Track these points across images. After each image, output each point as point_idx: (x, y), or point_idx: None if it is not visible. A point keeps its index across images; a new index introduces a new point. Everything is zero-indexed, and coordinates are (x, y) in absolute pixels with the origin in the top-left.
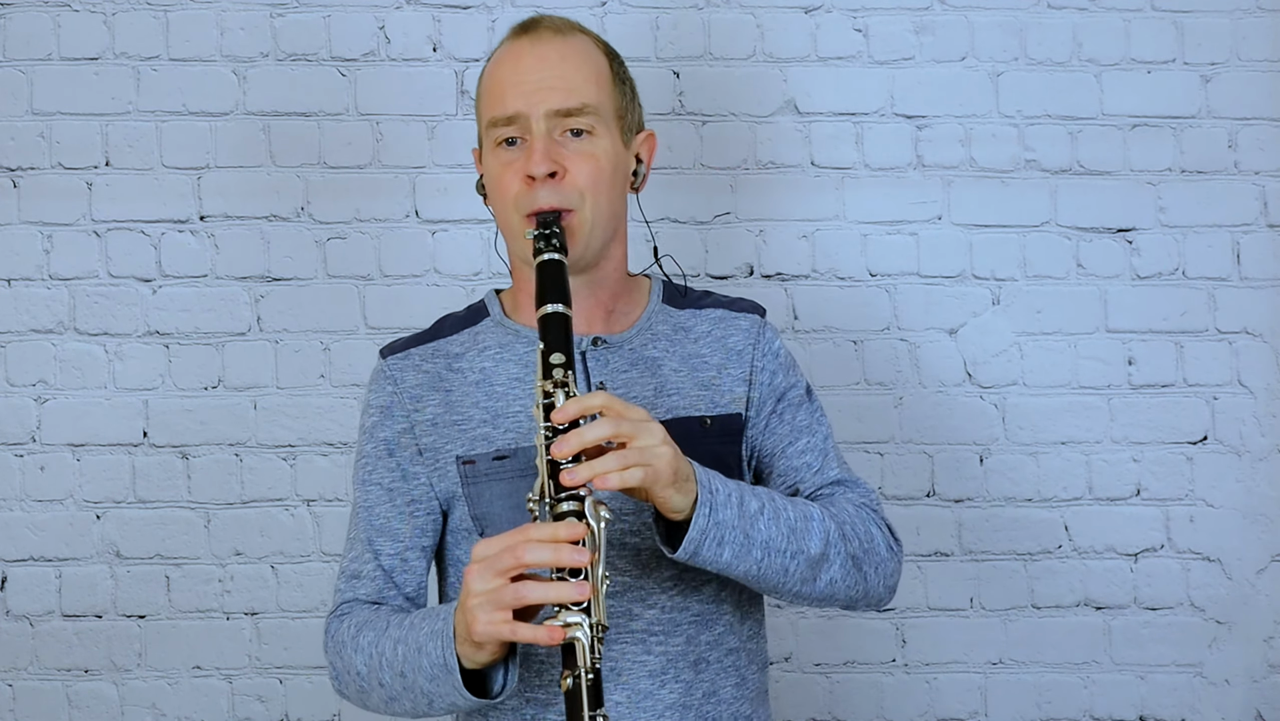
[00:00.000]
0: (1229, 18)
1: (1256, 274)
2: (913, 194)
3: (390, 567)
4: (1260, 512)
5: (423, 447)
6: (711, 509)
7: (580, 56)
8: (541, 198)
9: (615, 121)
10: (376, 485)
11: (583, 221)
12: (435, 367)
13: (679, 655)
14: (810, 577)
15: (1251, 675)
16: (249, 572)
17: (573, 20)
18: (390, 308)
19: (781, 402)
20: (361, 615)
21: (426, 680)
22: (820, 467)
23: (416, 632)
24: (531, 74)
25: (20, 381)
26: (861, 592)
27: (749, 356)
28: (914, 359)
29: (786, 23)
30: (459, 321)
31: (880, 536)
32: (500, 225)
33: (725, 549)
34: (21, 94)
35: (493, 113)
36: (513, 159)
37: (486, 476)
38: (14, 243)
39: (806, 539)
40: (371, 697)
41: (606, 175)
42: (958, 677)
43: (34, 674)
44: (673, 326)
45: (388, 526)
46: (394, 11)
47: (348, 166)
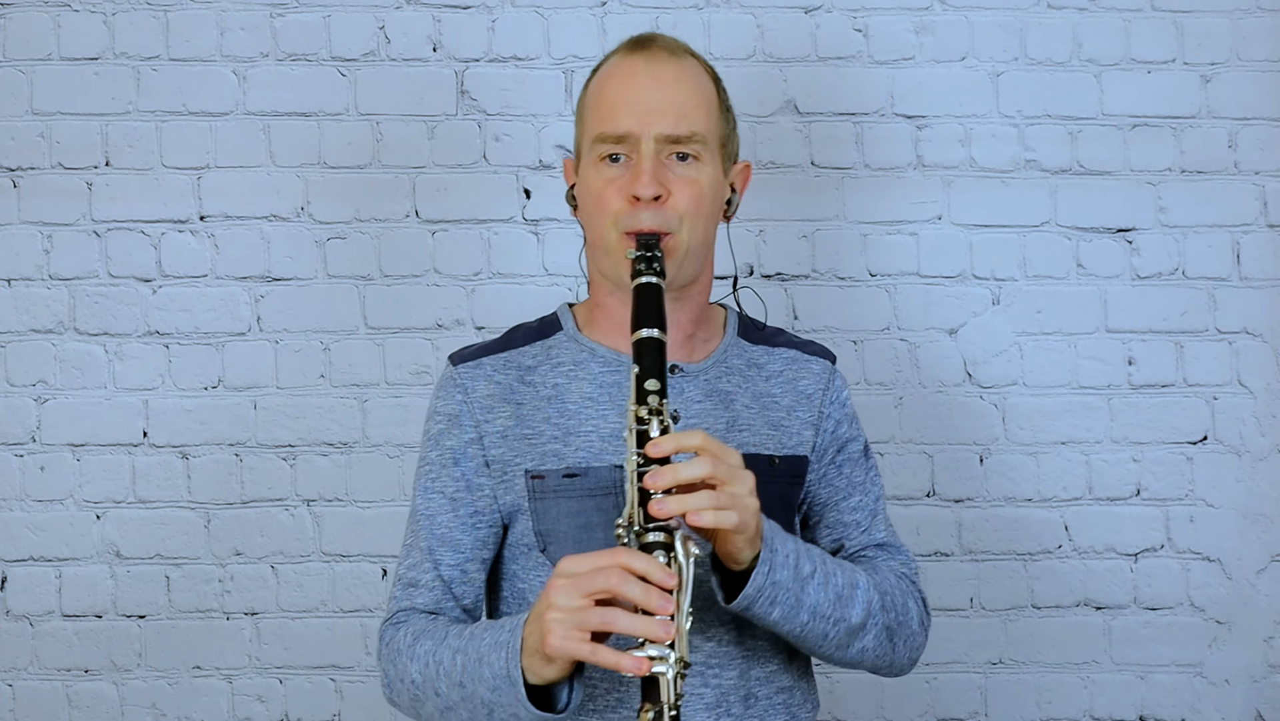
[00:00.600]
0: (1229, 18)
1: (1256, 274)
2: (913, 194)
3: (450, 579)
4: (1260, 512)
5: (490, 459)
6: (771, 568)
7: (693, 82)
8: (644, 219)
9: (719, 150)
10: (439, 494)
11: (679, 245)
12: (507, 379)
13: (731, 689)
14: (845, 644)
15: (1251, 675)
16: (249, 572)
17: (683, 42)
18: (390, 308)
19: (841, 454)
20: (418, 624)
21: (488, 690)
22: (868, 527)
23: (478, 643)
24: (645, 94)
25: (20, 381)
26: (887, 663)
27: (818, 401)
28: (914, 359)
29: (786, 23)
30: (531, 333)
31: (915, 611)
32: (592, 240)
33: (776, 608)
34: (21, 94)
35: (602, 128)
36: (616, 176)
37: (555, 493)
38: (14, 243)
39: (850, 607)
40: (425, 707)
41: (707, 202)
42: (958, 677)
43: (34, 674)
44: (747, 362)
45: (449, 536)
46: (394, 11)
47: (348, 166)
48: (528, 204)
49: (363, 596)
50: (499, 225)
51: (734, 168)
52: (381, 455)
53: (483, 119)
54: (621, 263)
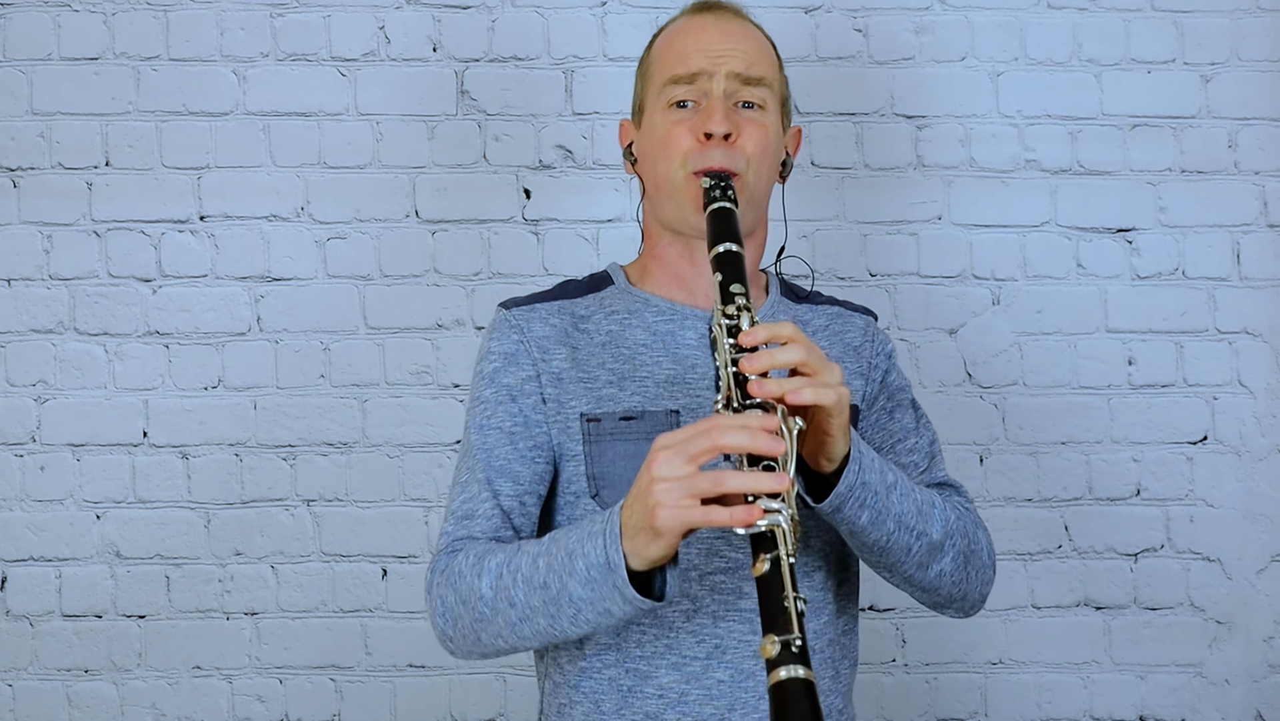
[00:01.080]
0: (1229, 18)
1: (1256, 274)
2: (913, 194)
3: (509, 509)
4: (1260, 512)
5: (546, 397)
6: (861, 468)
7: (759, 38)
8: (714, 157)
9: (779, 106)
10: (497, 429)
11: (746, 185)
12: (562, 323)
13: None
14: (926, 563)
15: (1251, 675)
16: (249, 572)
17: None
18: (390, 307)
19: (891, 401)
20: (481, 547)
21: (580, 584)
22: (927, 468)
23: (564, 542)
24: (716, 41)
25: (20, 381)
26: (962, 593)
27: (866, 353)
28: (914, 359)
29: (786, 23)
30: (583, 286)
31: (985, 543)
32: (655, 185)
33: (865, 511)
34: (21, 94)
35: (674, 70)
36: (685, 118)
37: (611, 436)
38: (14, 243)
39: (930, 522)
40: (492, 625)
41: (772, 149)
42: (958, 677)
43: (34, 674)
44: (792, 319)
45: (508, 468)
46: (394, 11)
47: (348, 166)
48: (528, 204)
49: (363, 596)
50: (499, 225)
51: (789, 130)
52: (381, 455)
53: (483, 119)
54: (687, 203)
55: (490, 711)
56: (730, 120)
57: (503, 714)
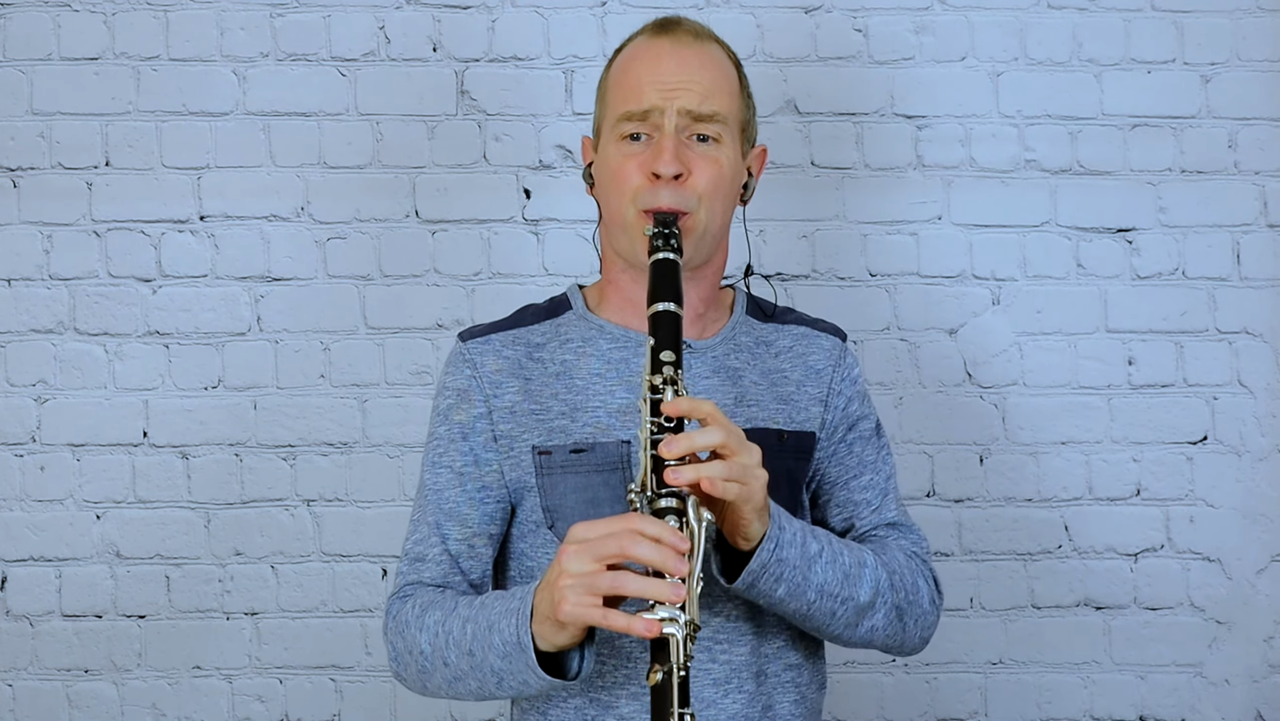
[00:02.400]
0: (1229, 18)
1: (1256, 274)
2: (913, 194)
3: (457, 552)
4: (1260, 512)
5: (498, 434)
6: (777, 545)
7: (717, 65)
8: (663, 197)
9: (739, 133)
10: (447, 468)
11: (697, 225)
12: (516, 354)
13: (743, 665)
14: (854, 623)
15: (1251, 675)
16: (249, 572)
17: (707, 27)
18: (390, 308)
19: (852, 432)
20: (427, 596)
21: (498, 657)
22: (879, 506)
23: (489, 611)
24: (670, 73)
25: (20, 381)
26: (897, 642)
27: (828, 378)
28: (914, 359)
29: (786, 23)
30: (540, 312)
31: (926, 590)
32: (608, 217)
33: (781, 586)
34: (21, 94)
35: (626, 106)
36: (637, 152)
37: (562, 469)
38: (14, 243)
39: (858, 586)
40: (434, 678)
41: (726, 184)
42: (958, 677)
43: (34, 674)
44: (755, 339)
45: (456, 511)
46: (394, 11)
47: (348, 166)
48: (528, 204)
49: (363, 596)
50: (499, 225)
51: (752, 151)
52: (381, 455)
53: (483, 119)
54: (638, 240)
55: (490, 712)
56: (680, 159)
57: (502, 714)
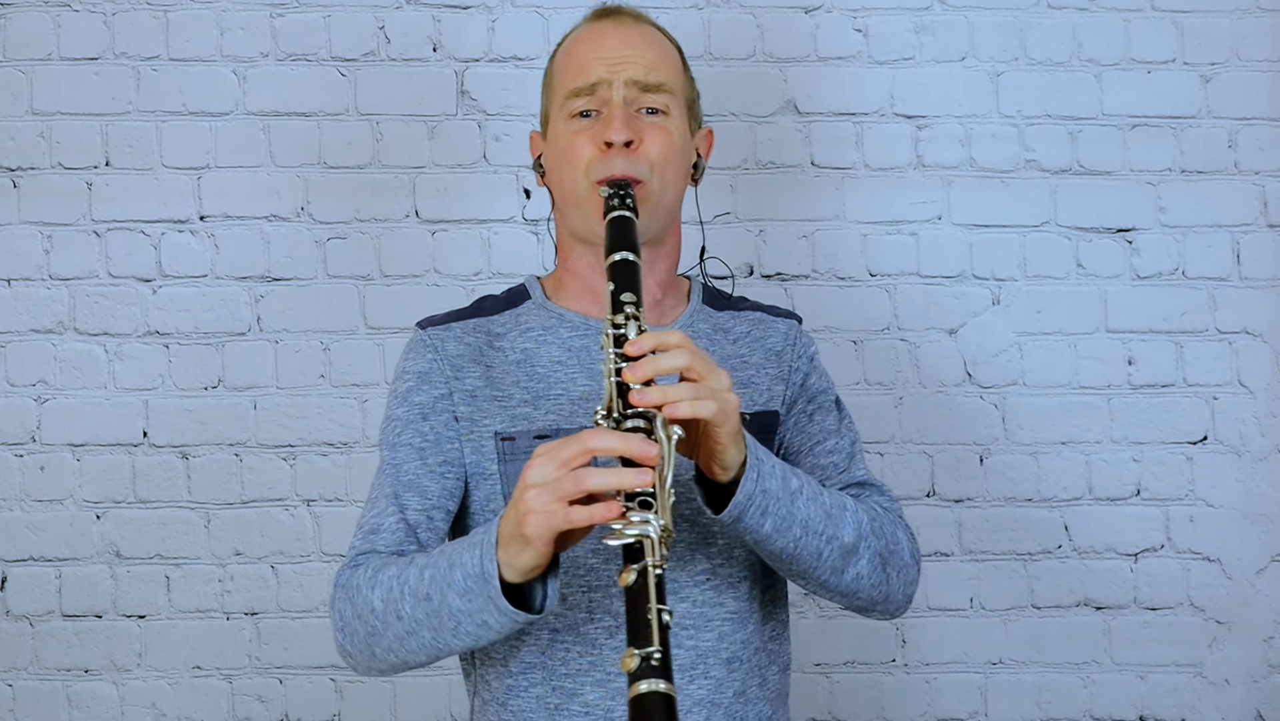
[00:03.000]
0: (1229, 18)
1: (1256, 274)
2: (913, 194)
3: (415, 523)
4: (1260, 512)
5: (459, 415)
6: (759, 475)
7: (659, 42)
8: (615, 165)
9: (685, 110)
10: (407, 445)
11: (650, 194)
12: (477, 342)
13: (710, 651)
14: (840, 567)
15: (1251, 675)
16: (249, 572)
17: (646, 14)
18: (390, 308)
19: (812, 404)
20: (381, 560)
21: (458, 595)
22: (847, 468)
23: (449, 552)
24: (614, 48)
25: (20, 381)
26: (883, 595)
27: (787, 357)
28: (914, 359)
29: (786, 23)
30: (499, 303)
31: (905, 542)
32: (560, 197)
33: (768, 519)
34: (21, 94)
35: (573, 83)
36: (587, 127)
37: (525, 455)
38: (14, 243)
39: (841, 526)
40: (383, 639)
41: (677, 153)
42: (958, 677)
43: (34, 674)
44: (713, 326)
45: (416, 482)
46: (394, 11)
47: (348, 166)
48: (528, 204)
49: None
50: (499, 225)
51: (699, 132)
52: None
53: (483, 119)
54: (593, 213)
55: None
56: (631, 127)
57: None
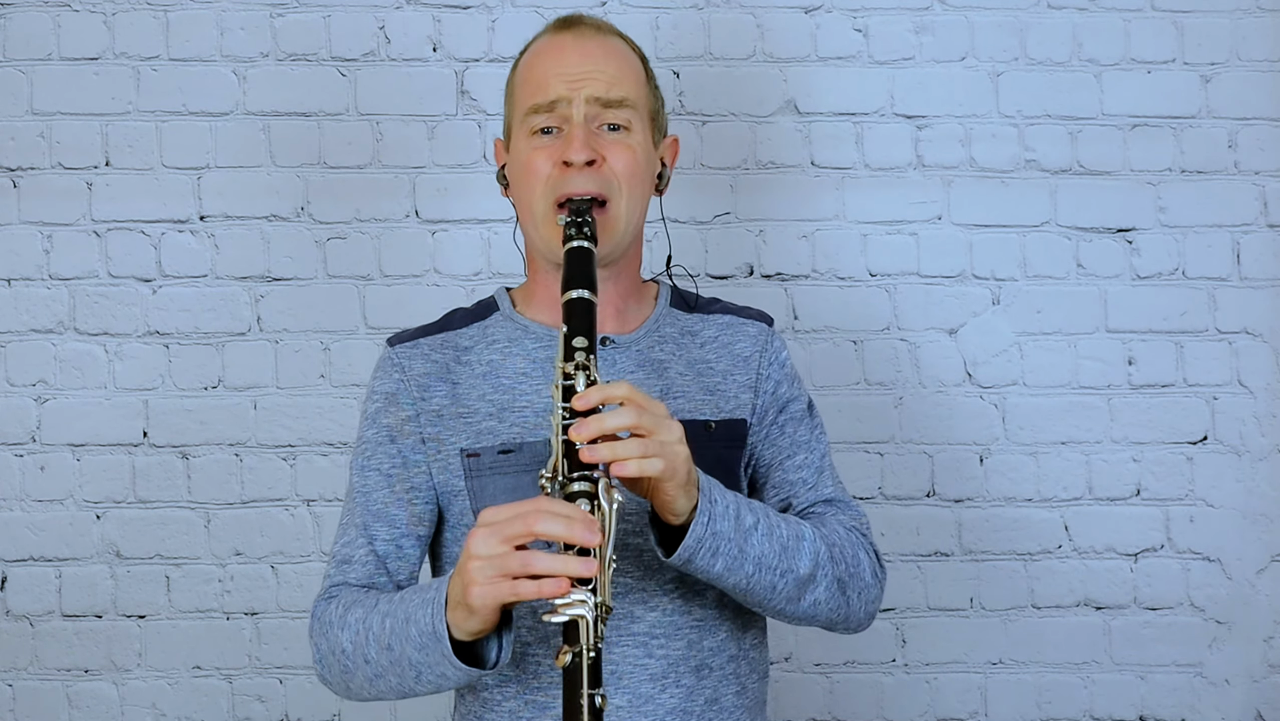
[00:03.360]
0: (1229, 18)
1: (1256, 274)
2: (913, 194)
3: (384, 553)
4: (1260, 512)
5: (426, 437)
6: (710, 518)
7: (621, 54)
8: (576, 183)
9: (649, 122)
10: (375, 471)
11: (617, 214)
12: (444, 358)
13: (680, 659)
14: (796, 597)
15: (1251, 675)
16: (249, 572)
17: (609, 22)
18: (390, 308)
19: (783, 414)
20: (351, 596)
21: (415, 649)
22: (815, 484)
23: (406, 604)
24: (574, 64)
25: (20, 381)
26: (842, 616)
27: (755, 364)
28: (914, 359)
29: (786, 23)
30: (468, 315)
31: (867, 562)
32: (523, 214)
33: (719, 559)
34: (21, 94)
35: (533, 99)
36: (547, 144)
37: (491, 470)
38: (14, 243)
39: (797, 558)
40: (355, 678)
41: (641, 169)
42: (958, 677)
43: (34, 674)
44: (680, 330)
45: (385, 512)
46: (394, 11)
47: (348, 166)
48: None
49: None
50: (499, 225)
51: (663, 141)
52: None
53: (483, 119)
54: (553, 234)
55: None
56: (591, 145)
57: None
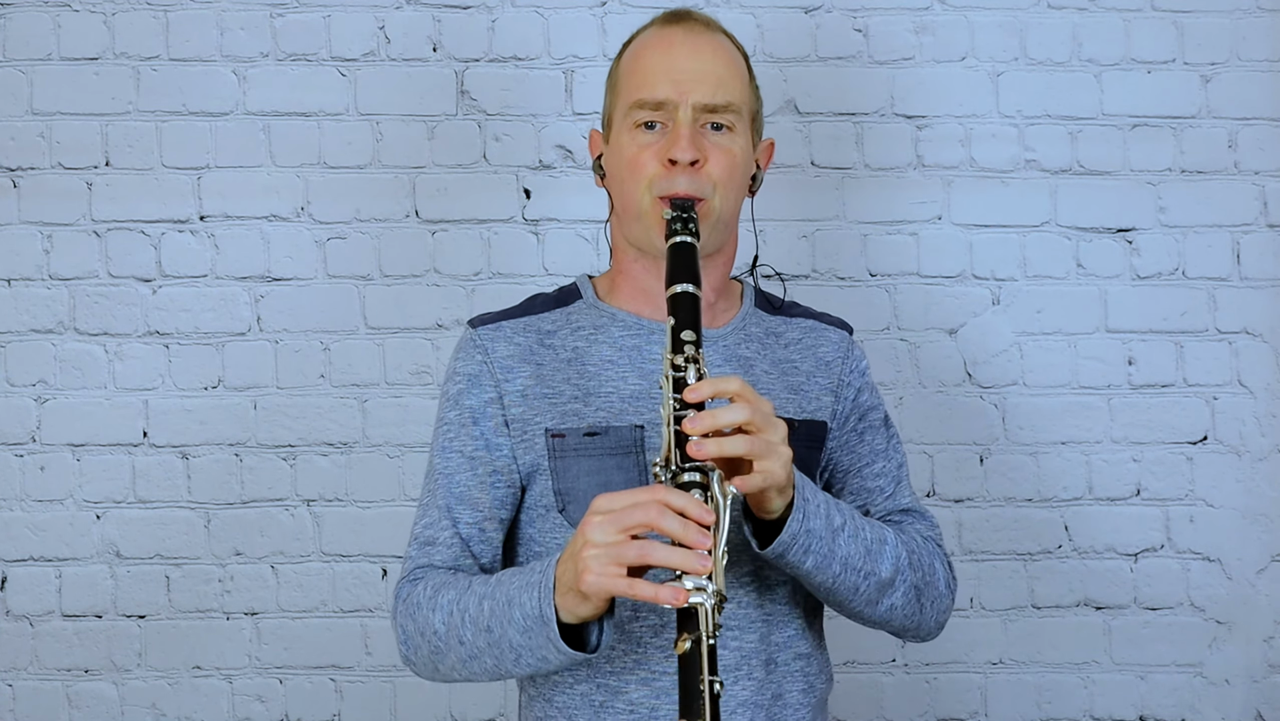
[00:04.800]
0: (1229, 18)
1: (1256, 274)
2: (913, 194)
3: (468, 536)
4: (1260, 512)
5: (510, 418)
6: (805, 516)
7: (729, 55)
8: (680, 183)
9: (749, 123)
10: (458, 452)
11: (712, 211)
12: (527, 340)
13: (753, 652)
14: (875, 600)
15: (1251, 675)
16: (249, 572)
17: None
18: (390, 308)
19: (863, 422)
20: (439, 578)
21: (518, 632)
22: (893, 493)
23: (506, 587)
24: (684, 63)
25: (20, 381)
26: (915, 623)
27: (838, 369)
28: (914, 359)
29: (786, 23)
30: (550, 301)
31: (942, 572)
32: (623, 206)
33: (809, 557)
34: (21, 94)
35: (640, 94)
36: (652, 141)
37: (575, 451)
38: (14, 243)
39: (880, 561)
40: (446, 659)
41: (739, 171)
42: (958, 677)
43: (34, 674)
44: (765, 330)
45: (468, 495)
46: (394, 11)
47: (348, 166)
48: (528, 204)
49: (363, 596)
50: (499, 225)
51: (760, 144)
52: (381, 455)
53: (483, 119)
54: (653, 227)
55: (490, 711)
56: (696, 146)
57: (502, 714)
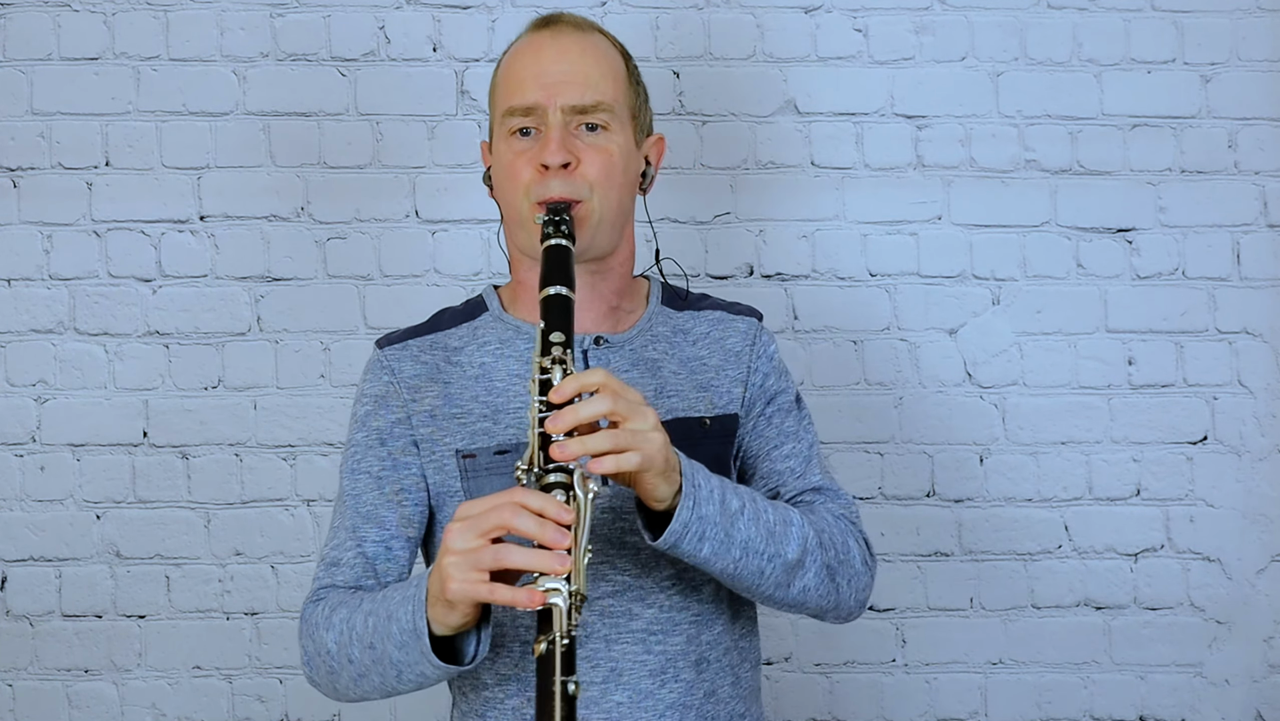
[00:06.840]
0: (1229, 18)
1: (1256, 274)
2: (913, 194)
3: (373, 555)
4: (1260, 512)
5: (419, 439)
6: (695, 502)
7: (599, 54)
8: (553, 187)
9: (629, 121)
10: (365, 473)
11: (590, 212)
12: (434, 359)
13: (679, 654)
14: (785, 583)
15: (1251, 675)
16: (249, 572)
17: (591, 20)
18: (390, 308)
19: (770, 406)
20: (337, 597)
21: (395, 647)
22: (803, 473)
23: (388, 602)
24: (551, 66)
25: (20, 381)
26: (832, 603)
27: (745, 358)
28: (914, 359)
29: (786, 23)
30: (457, 315)
31: (856, 549)
32: (506, 215)
33: (705, 544)
34: (21, 94)
35: (510, 102)
36: (526, 148)
37: (487, 470)
38: (14, 243)
39: (785, 543)
40: (341, 678)
41: (618, 170)
42: (958, 677)
43: (34, 674)
44: (672, 328)
45: (374, 514)
46: (394, 11)
47: (348, 166)
48: None
49: None
50: (497, 225)
51: (647, 140)
52: None
53: (483, 119)
54: (535, 232)
55: None
56: (567, 148)
57: None
